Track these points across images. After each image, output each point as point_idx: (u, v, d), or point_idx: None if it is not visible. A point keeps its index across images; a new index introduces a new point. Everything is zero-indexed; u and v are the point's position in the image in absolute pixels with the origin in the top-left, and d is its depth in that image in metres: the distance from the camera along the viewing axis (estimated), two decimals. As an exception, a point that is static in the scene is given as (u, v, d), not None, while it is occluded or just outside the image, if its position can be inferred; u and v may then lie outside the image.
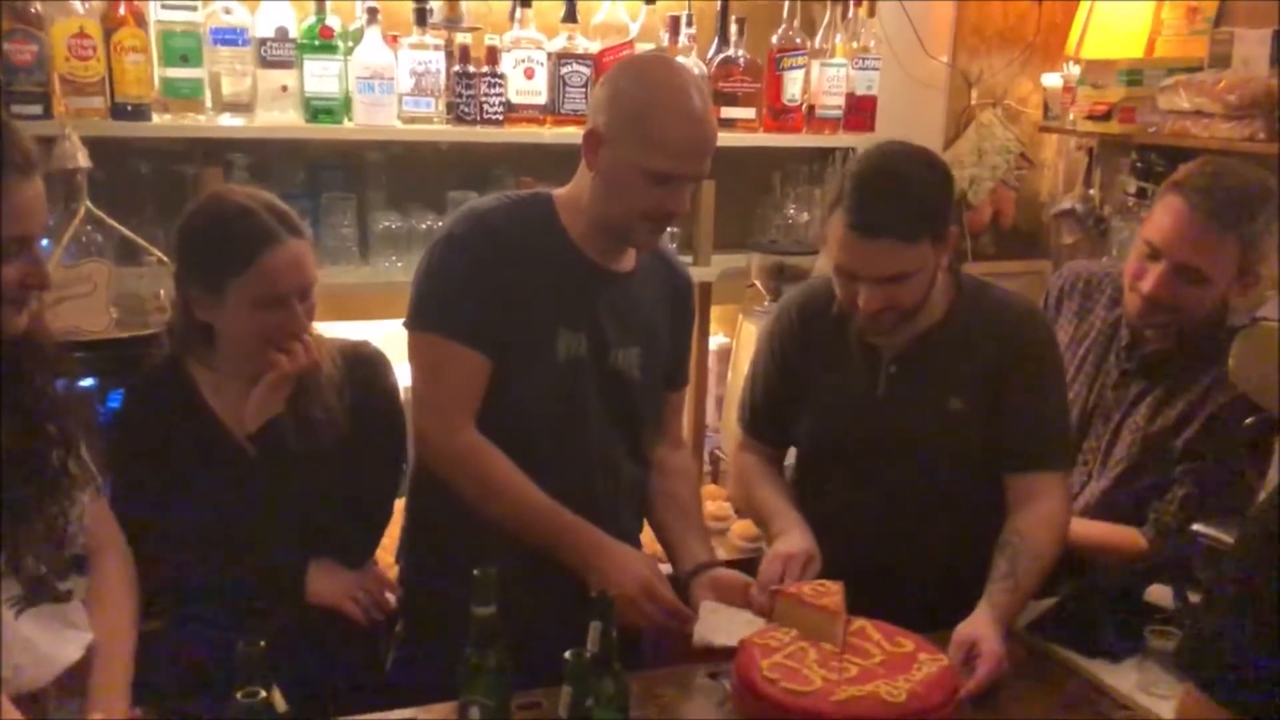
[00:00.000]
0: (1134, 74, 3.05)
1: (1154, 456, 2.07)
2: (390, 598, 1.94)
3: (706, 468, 3.17)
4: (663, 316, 2.00)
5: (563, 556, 1.81)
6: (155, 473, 1.77)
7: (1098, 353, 2.20)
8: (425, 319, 1.84)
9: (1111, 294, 2.21)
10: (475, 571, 1.41)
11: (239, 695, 1.17)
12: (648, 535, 2.10)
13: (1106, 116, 3.10)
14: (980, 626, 1.73)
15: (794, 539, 1.87)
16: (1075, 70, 3.26)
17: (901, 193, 1.78)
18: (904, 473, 1.93)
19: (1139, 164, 3.14)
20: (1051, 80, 3.38)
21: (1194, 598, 1.79)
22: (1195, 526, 1.82)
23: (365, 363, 1.93)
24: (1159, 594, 1.89)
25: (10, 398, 1.46)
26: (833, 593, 1.74)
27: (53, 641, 1.50)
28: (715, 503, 2.94)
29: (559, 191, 1.91)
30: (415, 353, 1.86)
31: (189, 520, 1.76)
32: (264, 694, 1.17)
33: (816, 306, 2.03)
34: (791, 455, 2.17)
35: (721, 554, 2.71)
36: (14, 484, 1.44)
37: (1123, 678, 1.76)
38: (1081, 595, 1.91)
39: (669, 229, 2.84)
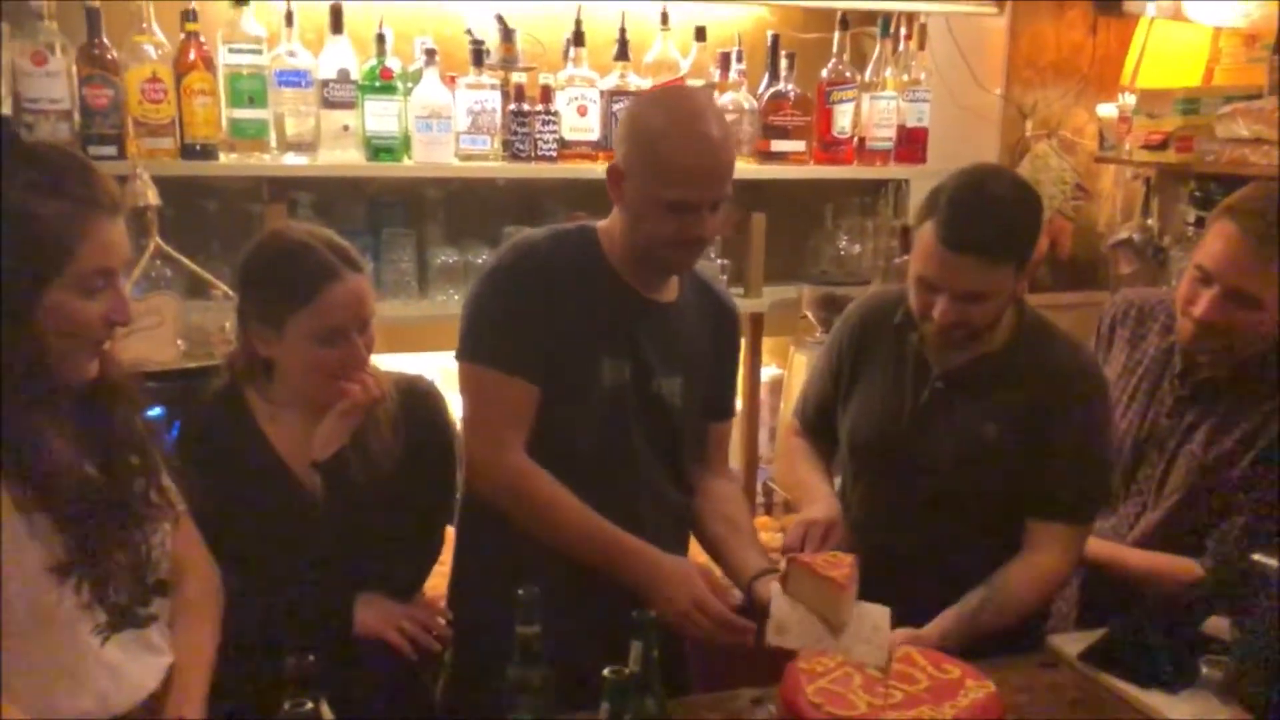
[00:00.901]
0: (1191, 103, 3.02)
1: (1210, 485, 2.04)
2: (442, 622, 1.94)
3: (759, 499, 3.17)
4: (707, 346, 2.03)
5: (615, 575, 1.83)
6: (209, 500, 1.76)
7: (1151, 380, 2.17)
8: (474, 350, 1.88)
9: (1165, 321, 2.18)
10: (519, 591, 1.44)
11: (287, 706, 1.20)
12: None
13: (1163, 146, 3.08)
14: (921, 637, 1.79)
15: (818, 507, 1.93)
16: (1131, 100, 3.24)
17: (995, 213, 1.81)
18: (929, 485, 1.96)
19: (1197, 193, 3.10)
20: (1107, 110, 3.37)
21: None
22: (1255, 556, 1.80)
23: (421, 397, 1.94)
24: (1216, 625, 1.86)
25: (92, 432, 1.48)
26: (843, 564, 1.76)
27: (137, 666, 1.53)
28: (766, 533, 2.93)
29: (601, 224, 1.95)
30: (465, 382, 1.91)
31: (240, 549, 1.77)
32: (311, 705, 1.20)
33: (880, 313, 2.07)
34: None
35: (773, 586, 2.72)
36: (98, 517, 1.46)
37: (1178, 709, 1.73)
38: (1136, 625, 1.88)
39: (720, 260, 2.93)
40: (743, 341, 2.19)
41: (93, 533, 1.44)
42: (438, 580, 2.56)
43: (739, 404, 3.21)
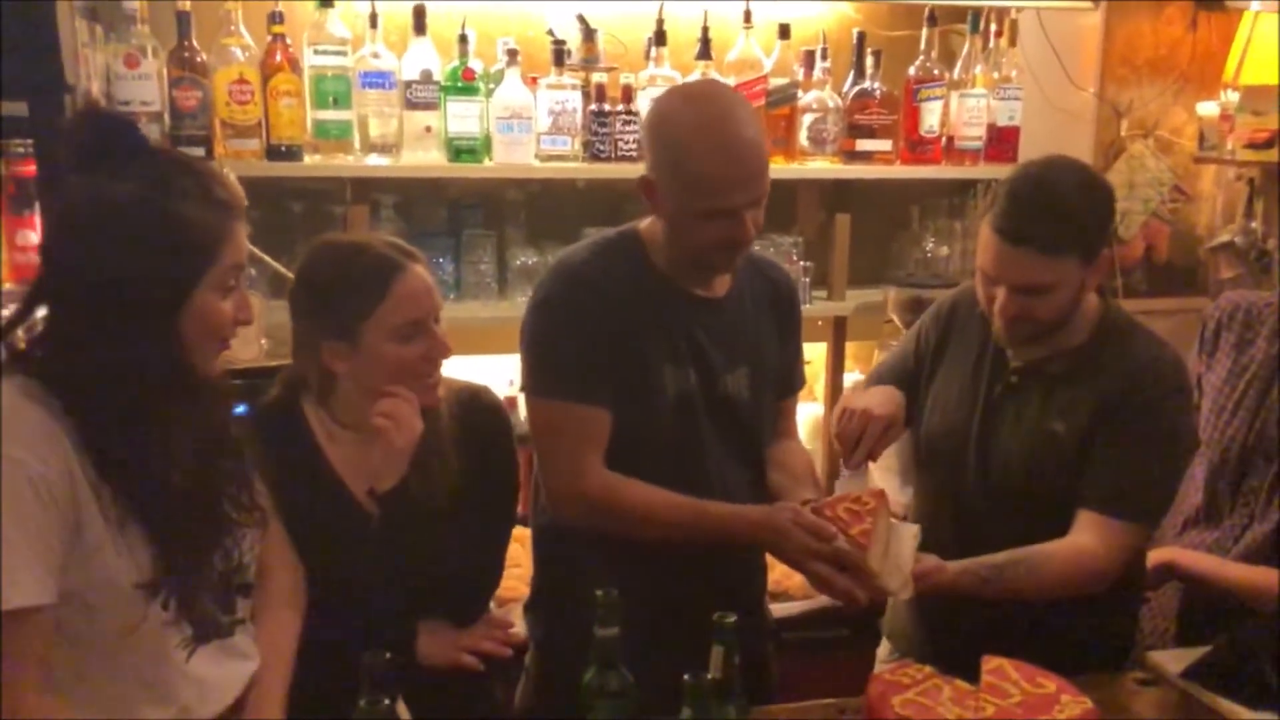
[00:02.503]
0: (1298, 99, 2.90)
1: (1323, 496, 1.94)
2: (508, 631, 1.89)
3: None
4: (768, 327, 1.98)
5: (729, 544, 1.83)
6: None
7: (1260, 386, 2.08)
8: (539, 386, 1.85)
9: (1274, 324, 2.09)
10: (599, 593, 1.41)
11: (363, 704, 1.19)
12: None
13: (1269, 144, 2.96)
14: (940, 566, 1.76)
15: (878, 395, 1.89)
16: (1234, 97, 3.11)
17: (1050, 205, 1.76)
18: (997, 483, 1.90)
19: (1305, 193, 2.98)
20: (1208, 109, 3.24)
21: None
22: (1370, 571, 1.71)
23: (483, 411, 1.88)
24: (1330, 644, 1.77)
25: (186, 434, 1.46)
26: (864, 518, 1.73)
27: (221, 675, 1.53)
28: (850, 542, 2.87)
29: (644, 224, 1.89)
30: (535, 416, 1.87)
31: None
32: (389, 702, 1.18)
33: (968, 303, 2.02)
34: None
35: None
36: (190, 527, 1.45)
37: (1288, 730, 1.65)
38: (1245, 640, 1.79)
39: (803, 262, 2.88)
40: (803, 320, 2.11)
41: (184, 545, 1.44)
42: (515, 583, 2.57)
43: (819, 409, 3.18)
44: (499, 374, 2.69)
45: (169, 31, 2.45)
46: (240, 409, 2.14)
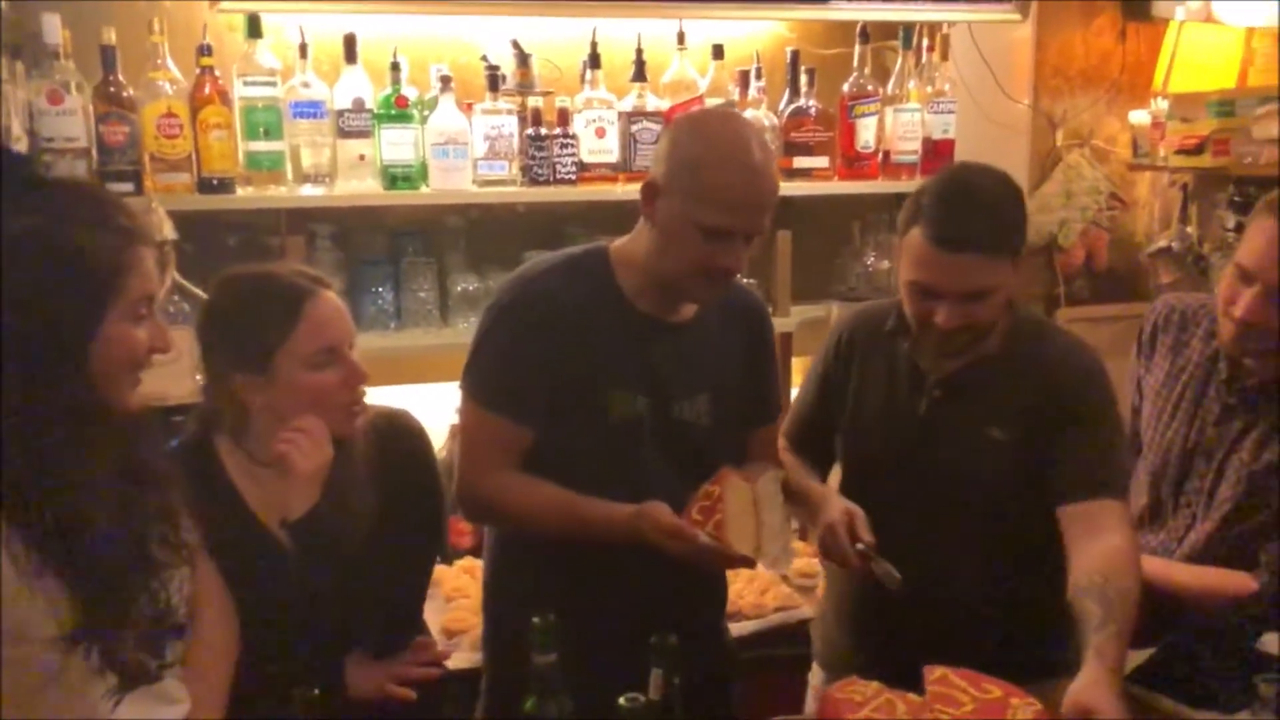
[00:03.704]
0: (1225, 105, 2.94)
1: (1261, 496, 1.95)
2: (434, 652, 1.88)
3: (794, 526, 3.09)
4: (736, 355, 1.97)
5: (613, 541, 1.79)
6: None
7: (1196, 388, 2.09)
8: (469, 386, 1.87)
9: (1209, 326, 2.10)
10: (535, 619, 1.40)
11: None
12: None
13: (1199, 150, 3.00)
14: (1098, 692, 1.51)
15: (832, 507, 1.84)
16: (1163, 105, 3.16)
17: (983, 207, 1.77)
18: (939, 498, 1.89)
19: (1236, 197, 3.01)
20: (1139, 117, 3.29)
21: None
22: (1311, 568, 1.72)
23: (401, 437, 1.85)
24: (1272, 642, 1.77)
25: (106, 471, 1.42)
26: (716, 502, 1.73)
27: None
28: (803, 560, 2.86)
29: (617, 243, 1.90)
30: (461, 412, 1.91)
31: None
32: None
33: (868, 326, 2.01)
34: (834, 479, 2.12)
35: (807, 611, 2.66)
36: (114, 572, 1.41)
37: (1234, 730, 1.65)
38: (1188, 643, 1.80)
39: (747, 280, 2.87)
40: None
41: (107, 591, 1.39)
42: (464, 613, 2.53)
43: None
44: (442, 403, 2.66)
45: (94, 66, 2.42)
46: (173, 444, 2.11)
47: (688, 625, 1.62)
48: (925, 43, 3.01)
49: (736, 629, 2.45)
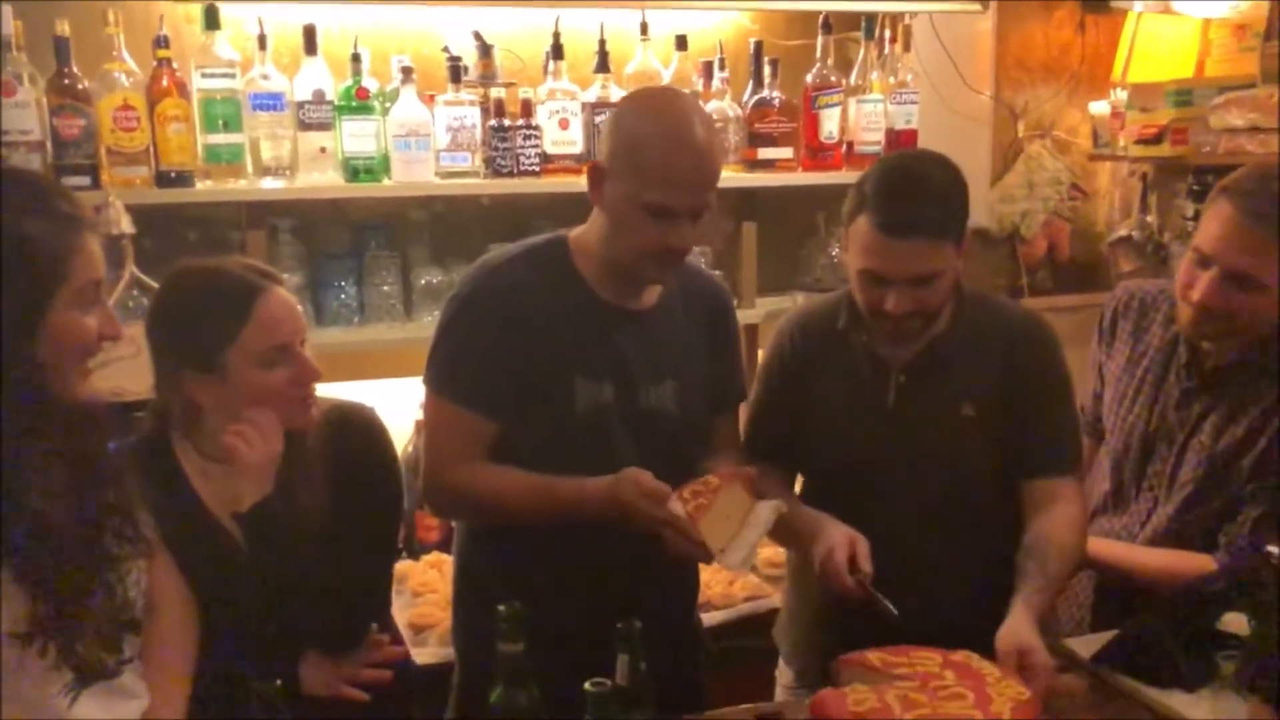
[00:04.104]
0: (1183, 94, 2.98)
1: (1221, 478, 1.97)
2: (386, 651, 1.83)
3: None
4: (700, 342, 1.96)
5: (585, 517, 1.76)
6: None
7: (1156, 373, 2.11)
8: (432, 379, 1.86)
9: (1168, 311, 2.12)
10: (501, 607, 1.38)
11: (250, 732, 1.14)
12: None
13: (1158, 140, 3.03)
14: (1024, 633, 1.68)
15: (830, 531, 1.81)
16: (1123, 96, 3.20)
17: (927, 192, 1.78)
18: (917, 485, 1.89)
19: (1195, 186, 3.05)
20: (1099, 107, 3.32)
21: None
22: (1270, 548, 1.73)
23: (356, 429, 1.81)
24: (1235, 623, 1.79)
25: (57, 464, 1.39)
26: (711, 490, 1.71)
27: (109, 719, 1.46)
28: (771, 549, 2.86)
29: (575, 232, 1.89)
30: (425, 407, 1.89)
31: None
32: (275, 730, 1.13)
33: (818, 323, 2.00)
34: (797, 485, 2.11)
35: (776, 601, 2.66)
36: (68, 567, 1.38)
37: (1197, 708, 1.66)
38: (1151, 624, 1.81)
39: (712, 272, 2.87)
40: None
41: (62, 588, 1.37)
42: (431, 609, 2.52)
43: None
44: (406, 398, 2.64)
45: (48, 58, 2.38)
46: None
47: (659, 614, 1.62)
48: (887, 34, 3.02)
49: (705, 619, 2.45)
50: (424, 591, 2.61)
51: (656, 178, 1.72)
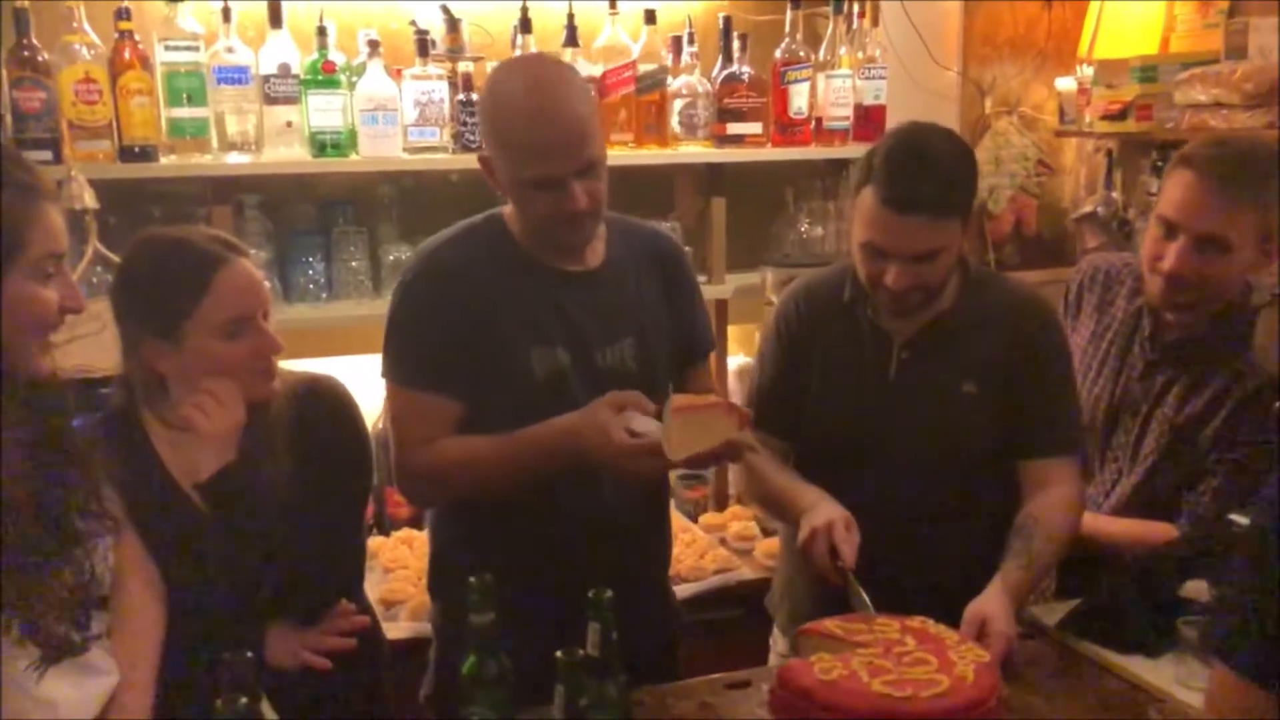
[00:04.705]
0: (1148, 70, 3.00)
1: (1184, 447, 2.00)
2: (351, 620, 1.79)
3: (731, 490, 3.11)
4: (654, 294, 1.94)
5: (555, 466, 1.75)
6: None
7: (1121, 345, 2.14)
8: (388, 369, 1.85)
9: (1132, 284, 2.15)
10: (471, 579, 1.38)
11: (219, 704, 1.13)
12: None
13: (1123, 115, 3.05)
14: (991, 604, 1.72)
15: (822, 510, 1.82)
16: (1089, 72, 3.21)
17: (934, 168, 1.77)
18: (915, 460, 1.89)
19: (1159, 162, 3.06)
20: (1065, 84, 3.34)
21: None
22: (1231, 516, 1.76)
23: (323, 400, 1.80)
24: (1197, 589, 1.82)
25: (24, 443, 1.39)
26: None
27: (76, 695, 1.45)
28: (741, 522, 2.89)
29: (509, 207, 1.88)
30: (387, 399, 1.89)
31: None
32: (245, 701, 1.13)
33: (826, 293, 2.00)
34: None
35: (746, 573, 2.68)
36: (30, 541, 1.37)
37: (1159, 673, 1.69)
38: (1113, 591, 1.84)
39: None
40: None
41: (26, 564, 1.36)
42: (403, 584, 2.52)
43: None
44: (375, 374, 2.61)
45: (6, 30, 2.34)
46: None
47: (632, 584, 1.62)
48: (856, 9, 3.02)
49: (676, 592, 2.46)
50: (395, 567, 2.61)
51: (526, 154, 1.71)
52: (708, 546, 2.75)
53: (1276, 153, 1.90)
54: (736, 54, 2.89)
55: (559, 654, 1.28)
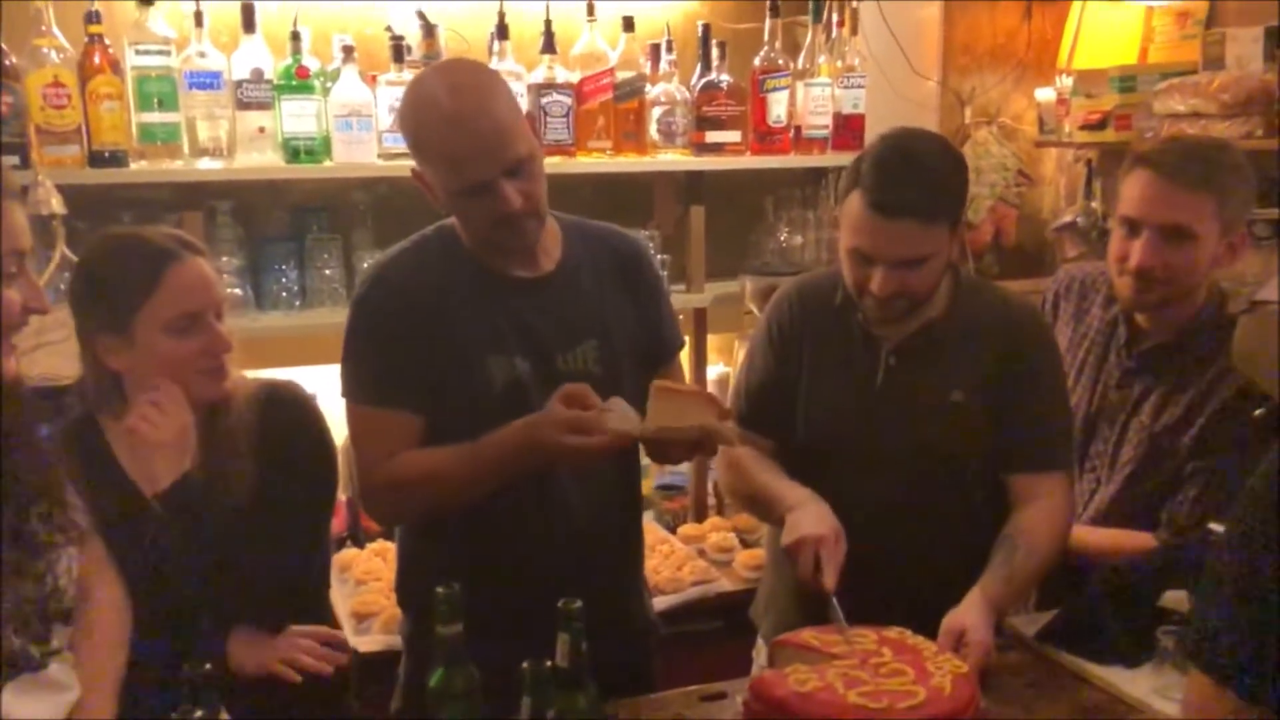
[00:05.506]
0: (1127, 80, 3.00)
1: (1162, 456, 1.99)
2: (328, 646, 1.77)
3: (710, 500, 3.09)
4: (615, 296, 1.90)
5: (514, 468, 1.72)
6: None
7: (1097, 354, 2.13)
8: (346, 388, 1.82)
9: (1107, 293, 2.14)
10: (439, 590, 1.36)
11: (175, 716, 1.10)
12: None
13: (1102, 125, 3.06)
14: (969, 614, 1.71)
15: (812, 515, 1.78)
16: (1068, 82, 3.22)
17: (921, 173, 1.75)
18: (900, 467, 1.87)
19: (1138, 172, 3.07)
20: (1045, 94, 3.34)
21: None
22: (1210, 525, 1.75)
23: (285, 406, 1.78)
24: (1175, 599, 1.80)
25: None
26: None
27: (34, 711, 1.41)
28: (720, 534, 2.86)
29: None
30: (347, 419, 1.84)
31: None
32: (201, 713, 1.10)
33: (818, 295, 1.98)
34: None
35: (725, 585, 2.65)
36: None
37: (1137, 683, 1.67)
38: (1091, 601, 1.82)
39: (661, 256, 2.86)
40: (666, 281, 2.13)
41: None
42: (375, 596, 2.48)
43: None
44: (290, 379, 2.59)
45: (-28, 34, 2.31)
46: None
47: (604, 594, 1.60)
48: (835, 18, 3.01)
49: (654, 604, 2.44)
50: (368, 579, 2.58)
51: (449, 163, 1.68)
52: (686, 558, 2.73)
53: (1226, 147, 1.95)
54: (715, 62, 2.88)
55: (525, 665, 1.25)
